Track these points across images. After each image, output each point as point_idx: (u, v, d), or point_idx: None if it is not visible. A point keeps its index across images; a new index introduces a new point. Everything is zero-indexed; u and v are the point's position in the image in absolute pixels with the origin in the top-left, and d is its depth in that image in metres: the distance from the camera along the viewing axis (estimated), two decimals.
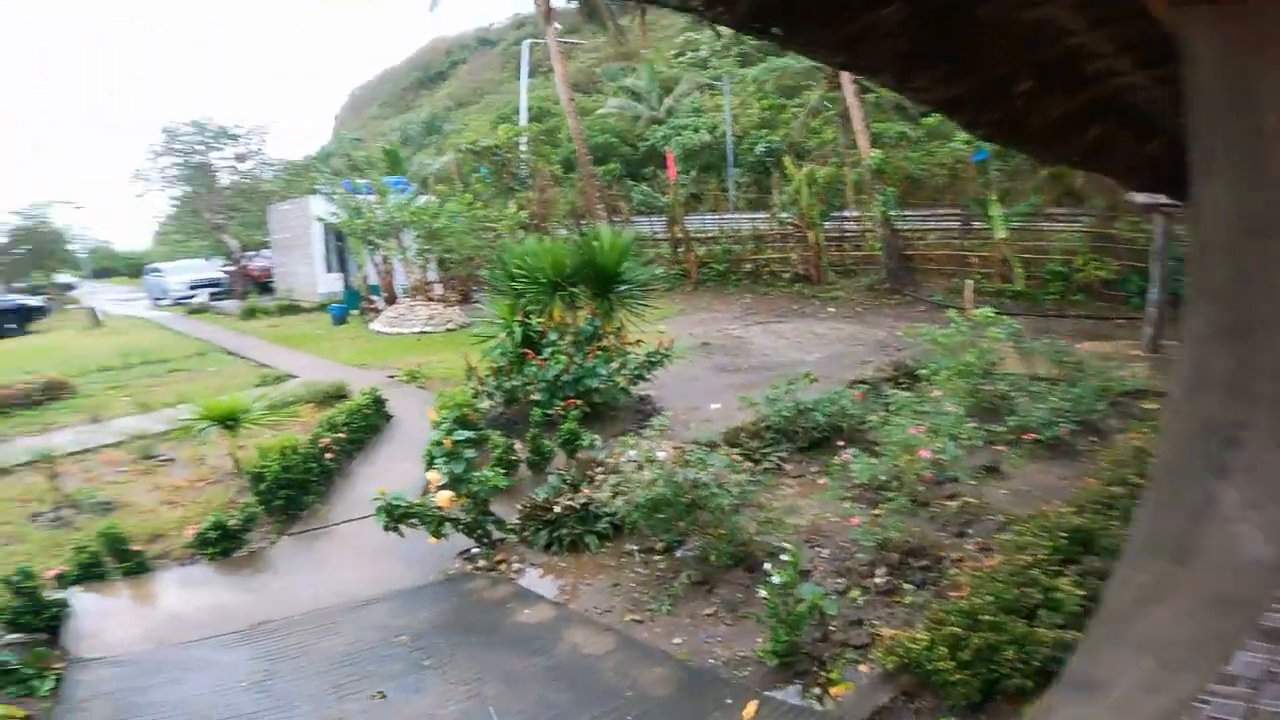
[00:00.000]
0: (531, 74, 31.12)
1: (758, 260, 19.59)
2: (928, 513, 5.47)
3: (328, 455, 7.26)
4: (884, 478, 5.26)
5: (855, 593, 4.58)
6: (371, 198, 18.78)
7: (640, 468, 5.10)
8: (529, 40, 30.09)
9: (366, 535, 5.88)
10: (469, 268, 19.12)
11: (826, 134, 24.52)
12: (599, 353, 8.60)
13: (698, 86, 33.82)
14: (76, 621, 5.00)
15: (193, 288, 27.57)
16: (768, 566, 4.14)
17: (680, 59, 39.00)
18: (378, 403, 9.12)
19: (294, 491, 6.57)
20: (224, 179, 27.97)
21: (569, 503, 5.69)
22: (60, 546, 6.00)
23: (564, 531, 5.58)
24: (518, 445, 7.19)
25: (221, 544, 5.85)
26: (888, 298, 16.50)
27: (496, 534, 5.75)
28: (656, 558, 5.31)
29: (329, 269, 23.01)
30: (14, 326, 22.19)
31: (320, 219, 20.54)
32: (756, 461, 6.09)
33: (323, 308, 20.46)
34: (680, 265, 20.02)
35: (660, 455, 5.11)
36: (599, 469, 6.00)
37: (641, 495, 4.84)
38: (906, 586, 4.58)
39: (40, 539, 6.37)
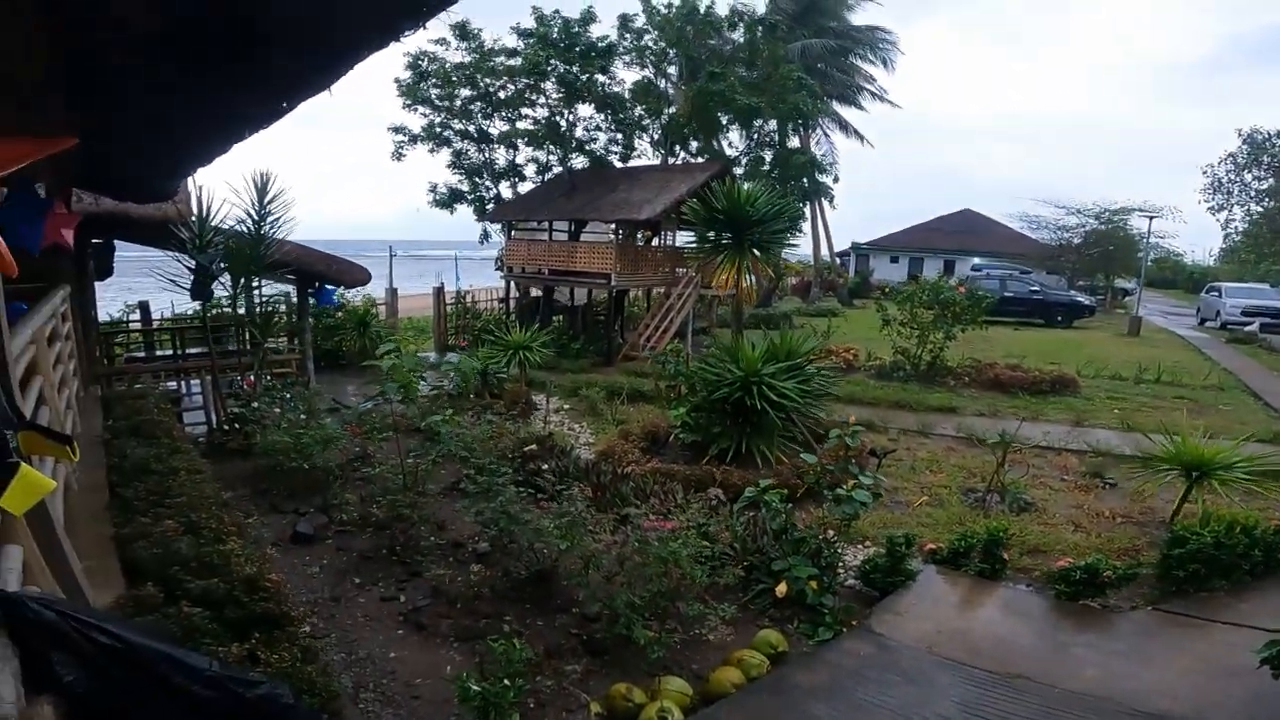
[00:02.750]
0: None
1: None
2: None
3: None
4: None
5: None
6: None
7: None
8: None
9: (1243, 652, 4.21)
10: None
11: None
12: None
13: None
14: (901, 596, 5.42)
15: (1245, 314, 24.36)
16: None
17: None
18: None
19: (1207, 570, 5.45)
20: None
21: None
22: (962, 525, 6.57)
23: None
24: None
25: (1076, 586, 5.40)
26: None
27: None
28: None
29: None
30: (1060, 318, 25.18)
31: None
32: None
33: None
34: None
35: None
36: None
37: None
38: None
39: (957, 512, 7.19)
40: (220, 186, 22.88)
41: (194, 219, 8.36)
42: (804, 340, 9.62)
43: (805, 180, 21.51)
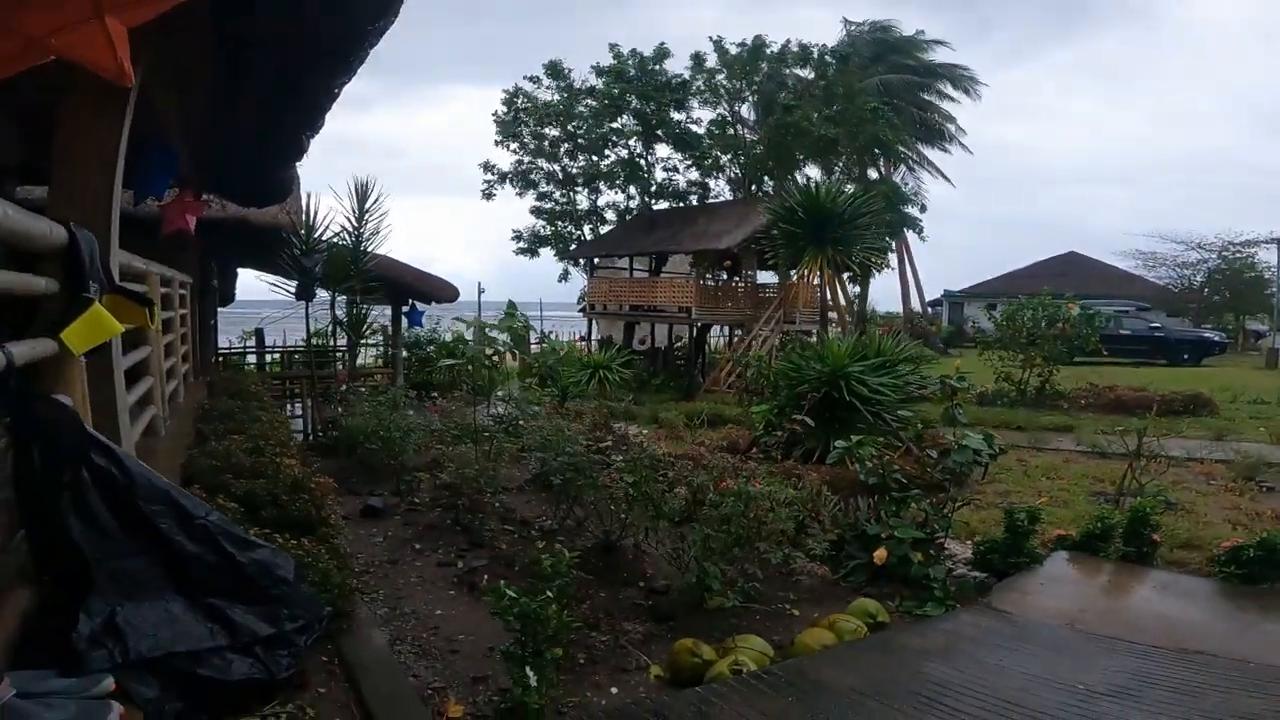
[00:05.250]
0: None
1: None
2: None
3: None
4: None
5: None
6: None
7: None
8: None
9: None
10: None
11: None
12: None
13: None
14: (1025, 577, 4.76)
15: None
16: None
17: None
18: None
19: None
20: None
21: None
22: (1090, 519, 5.80)
23: None
24: None
25: (1251, 567, 4.58)
26: None
27: None
28: None
29: None
30: (1186, 356, 22.88)
31: None
32: None
33: None
34: None
35: None
36: None
37: None
38: None
39: (1084, 510, 6.40)
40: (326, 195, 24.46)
41: (302, 229, 8.97)
42: (898, 344, 9.06)
43: (889, 211, 20.90)
